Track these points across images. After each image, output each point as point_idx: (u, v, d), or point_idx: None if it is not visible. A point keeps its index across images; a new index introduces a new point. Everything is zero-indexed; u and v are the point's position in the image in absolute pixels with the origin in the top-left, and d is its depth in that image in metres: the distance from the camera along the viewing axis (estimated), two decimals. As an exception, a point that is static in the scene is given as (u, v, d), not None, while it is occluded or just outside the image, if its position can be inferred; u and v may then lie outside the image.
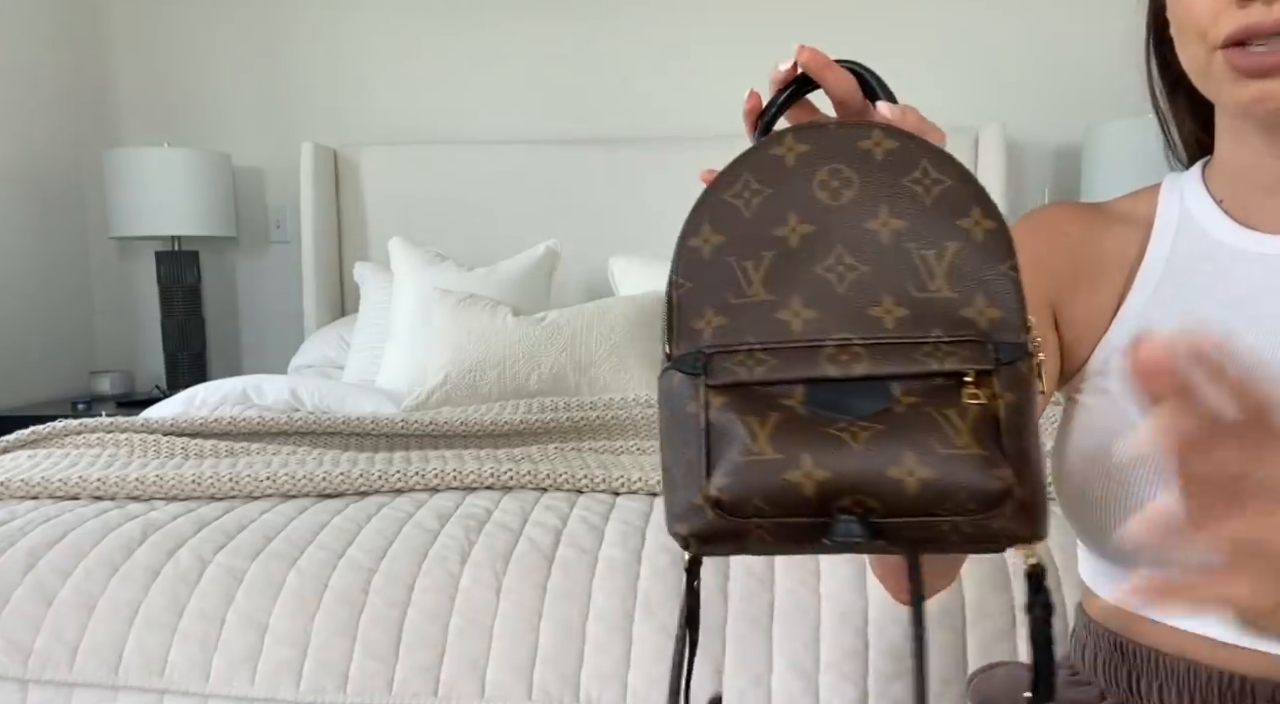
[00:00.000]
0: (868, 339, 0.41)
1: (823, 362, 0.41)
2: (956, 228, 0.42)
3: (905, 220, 0.43)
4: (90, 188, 2.78)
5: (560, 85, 2.75)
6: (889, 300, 0.42)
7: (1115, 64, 2.59)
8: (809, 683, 0.89)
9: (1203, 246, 0.63)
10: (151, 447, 1.39)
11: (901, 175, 0.43)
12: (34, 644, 0.94)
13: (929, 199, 0.43)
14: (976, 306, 0.41)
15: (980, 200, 0.42)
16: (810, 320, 0.42)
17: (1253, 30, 0.53)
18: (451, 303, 2.04)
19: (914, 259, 0.42)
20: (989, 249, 0.42)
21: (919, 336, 0.41)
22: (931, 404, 0.40)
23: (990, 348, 0.40)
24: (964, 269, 0.42)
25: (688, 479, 0.42)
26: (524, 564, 0.97)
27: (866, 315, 0.42)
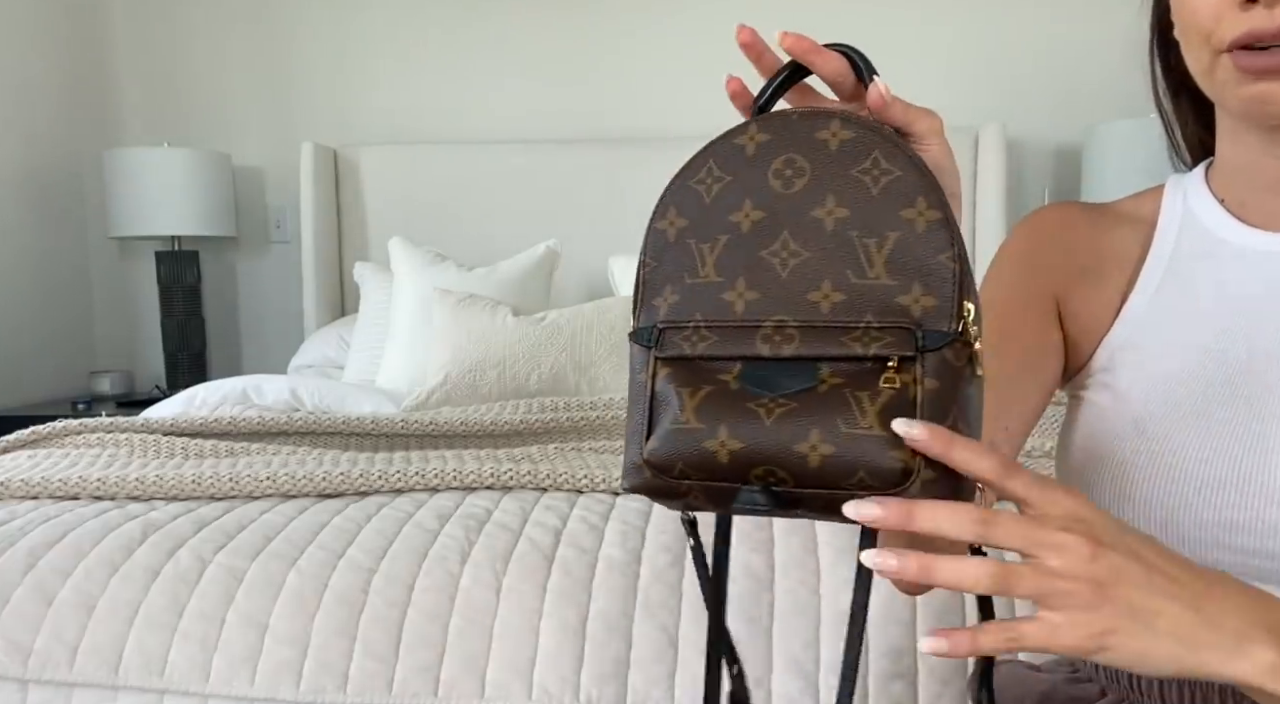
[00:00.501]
0: (802, 322, 0.44)
1: (758, 341, 0.44)
2: (899, 218, 0.43)
3: (849, 209, 0.44)
4: (90, 188, 2.78)
5: (560, 85, 2.75)
6: (827, 286, 0.44)
7: (1115, 64, 2.59)
8: (809, 683, 0.89)
9: (1205, 245, 0.63)
10: (151, 447, 1.39)
11: (852, 166, 0.44)
12: (34, 644, 0.94)
13: (876, 189, 0.44)
14: (913, 294, 0.42)
15: (927, 191, 0.43)
16: (752, 302, 0.45)
17: (1255, 35, 0.53)
18: (451, 303, 2.04)
19: (855, 247, 0.44)
20: (930, 239, 0.43)
21: (851, 321, 0.43)
22: (851, 386, 0.42)
23: (918, 335, 0.42)
24: (903, 258, 0.43)
25: (633, 440, 0.46)
26: (524, 564, 0.97)
27: (805, 299, 0.44)
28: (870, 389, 0.42)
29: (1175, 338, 0.62)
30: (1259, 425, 0.57)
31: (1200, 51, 0.58)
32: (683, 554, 0.98)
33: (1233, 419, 0.57)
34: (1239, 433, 0.57)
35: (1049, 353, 0.66)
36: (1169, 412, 0.60)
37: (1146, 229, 0.67)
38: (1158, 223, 0.67)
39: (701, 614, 0.92)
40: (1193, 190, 0.66)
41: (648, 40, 2.71)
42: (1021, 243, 0.69)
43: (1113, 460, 0.61)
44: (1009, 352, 0.64)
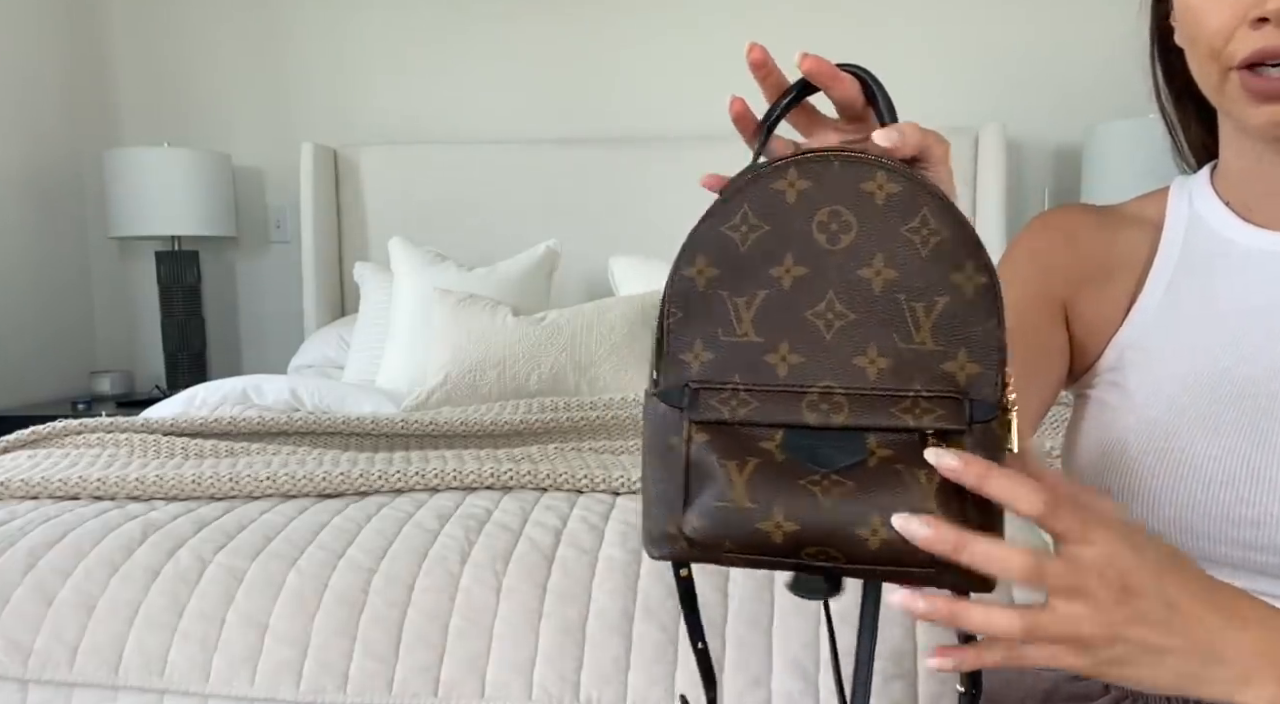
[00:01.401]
0: (850, 389, 0.42)
1: (804, 409, 0.42)
2: (949, 282, 0.42)
3: (898, 271, 0.43)
4: (90, 188, 2.78)
5: (560, 85, 2.75)
6: (874, 350, 0.42)
7: (1115, 64, 2.59)
8: (809, 683, 0.89)
9: (1213, 246, 0.64)
10: (151, 447, 1.39)
11: (900, 223, 0.43)
12: (34, 644, 0.94)
13: (925, 250, 0.43)
14: (958, 361, 0.42)
15: (974, 253, 0.42)
16: (795, 365, 0.43)
17: (1266, 53, 0.54)
18: (451, 303, 2.04)
19: (904, 310, 0.43)
20: (977, 305, 0.42)
21: (899, 389, 0.42)
22: (903, 460, 0.41)
23: (966, 405, 0.41)
24: (950, 324, 0.42)
25: (663, 508, 0.43)
26: (524, 564, 0.97)
27: (851, 364, 0.42)
28: (924, 465, 0.41)
29: (1184, 339, 0.62)
30: (1267, 422, 0.57)
31: (1209, 67, 0.58)
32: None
33: (1240, 418, 0.58)
34: (1247, 431, 0.57)
35: (1055, 354, 0.67)
36: (1177, 410, 0.60)
37: (1153, 231, 0.67)
38: (1164, 225, 0.67)
39: (701, 614, 0.92)
40: (1198, 193, 0.67)
41: (648, 40, 2.71)
42: (1029, 244, 0.69)
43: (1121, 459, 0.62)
44: (1016, 352, 0.64)
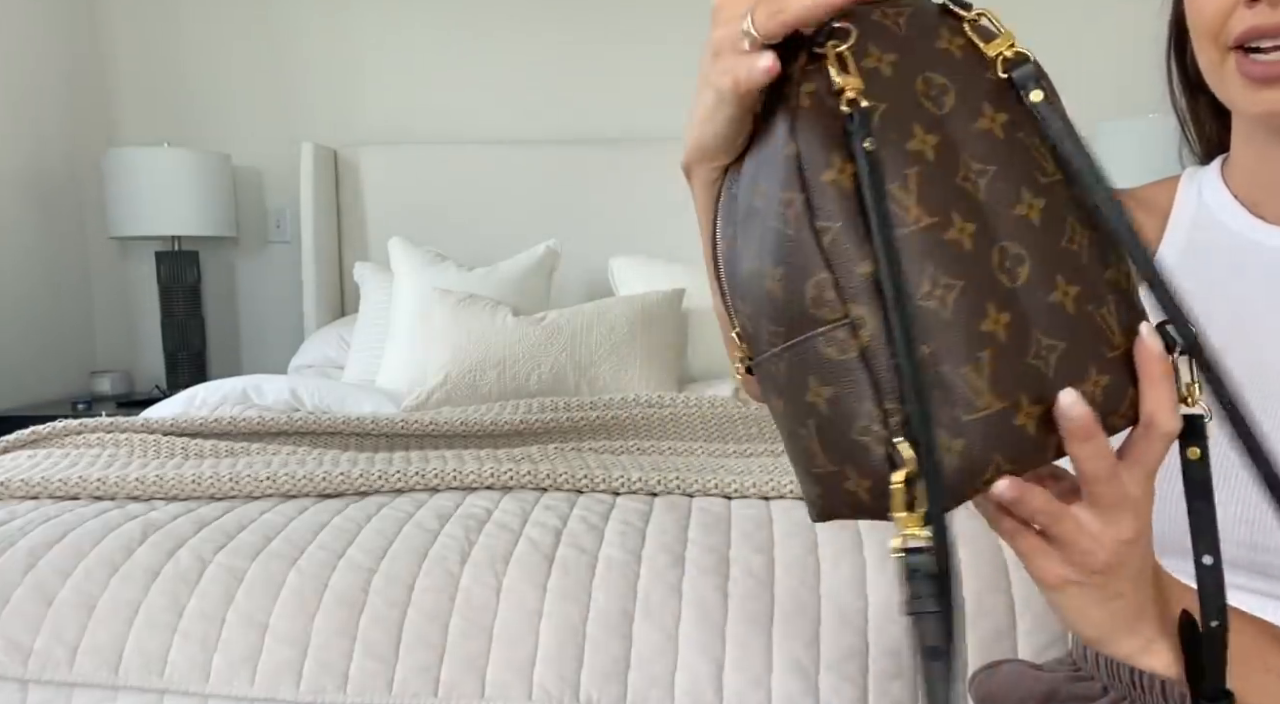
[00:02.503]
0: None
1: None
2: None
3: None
4: (90, 188, 2.78)
5: (560, 85, 2.75)
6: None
7: (1117, 64, 2.59)
8: (809, 683, 0.89)
9: (1219, 238, 0.63)
10: (151, 447, 1.39)
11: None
12: (34, 644, 0.94)
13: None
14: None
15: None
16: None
17: (1261, 30, 0.53)
18: (451, 303, 2.04)
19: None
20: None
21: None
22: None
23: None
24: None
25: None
26: (524, 564, 0.97)
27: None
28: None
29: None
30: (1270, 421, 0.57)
31: (1209, 50, 0.58)
32: (682, 554, 0.98)
33: (1266, 420, 0.57)
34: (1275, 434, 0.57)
35: None
36: None
37: (1161, 219, 0.67)
38: (1171, 214, 0.67)
39: (701, 614, 0.92)
40: (1208, 185, 0.66)
41: (648, 40, 2.71)
42: None
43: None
44: None
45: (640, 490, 1.15)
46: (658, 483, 1.14)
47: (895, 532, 0.37)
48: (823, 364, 0.38)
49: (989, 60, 0.41)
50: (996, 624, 0.91)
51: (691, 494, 1.14)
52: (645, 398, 1.66)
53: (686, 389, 2.02)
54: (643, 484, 1.15)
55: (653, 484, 1.14)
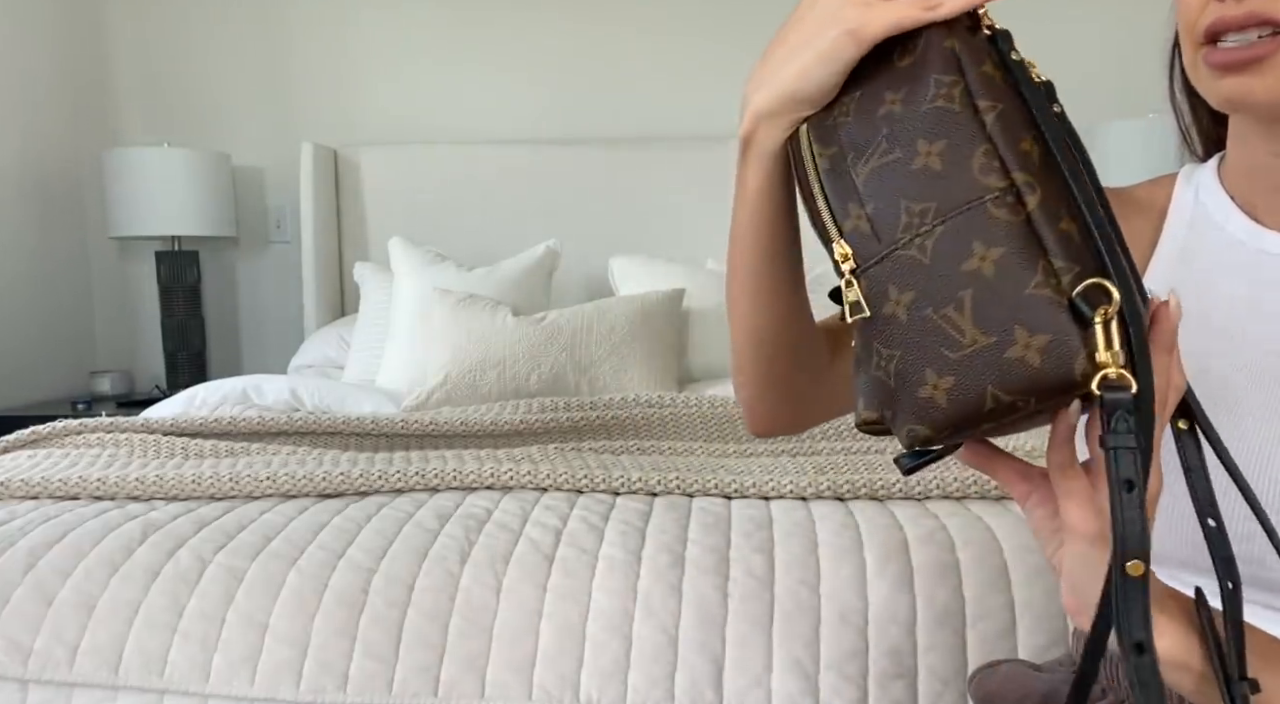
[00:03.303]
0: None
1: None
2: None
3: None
4: (90, 188, 2.78)
5: (560, 85, 2.75)
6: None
7: (1115, 64, 2.59)
8: (809, 683, 0.89)
9: (1216, 241, 0.63)
10: (151, 447, 1.39)
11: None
12: (34, 644, 0.94)
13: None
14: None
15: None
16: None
17: (1225, 23, 0.54)
18: (451, 303, 2.04)
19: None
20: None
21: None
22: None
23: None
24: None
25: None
26: (524, 564, 0.97)
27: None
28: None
29: (1181, 339, 0.61)
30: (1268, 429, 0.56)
31: (1187, 45, 0.58)
32: (682, 554, 0.98)
33: (1239, 424, 0.57)
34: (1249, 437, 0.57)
35: None
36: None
37: (1158, 219, 0.67)
38: (1168, 215, 0.66)
39: (701, 614, 0.92)
40: (1205, 185, 0.66)
41: (648, 40, 2.71)
42: None
43: None
44: None
45: (640, 490, 1.15)
46: (658, 483, 1.14)
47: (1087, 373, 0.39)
48: (993, 227, 0.41)
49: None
50: (996, 624, 0.91)
51: (691, 494, 1.14)
52: (645, 398, 1.66)
53: (686, 389, 2.02)
54: (643, 484, 1.15)
55: (653, 484, 1.14)
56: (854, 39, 0.47)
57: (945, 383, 0.41)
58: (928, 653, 0.90)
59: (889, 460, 1.25)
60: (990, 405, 0.40)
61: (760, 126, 0.53)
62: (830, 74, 0.49)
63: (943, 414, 0.41)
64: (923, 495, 1.10)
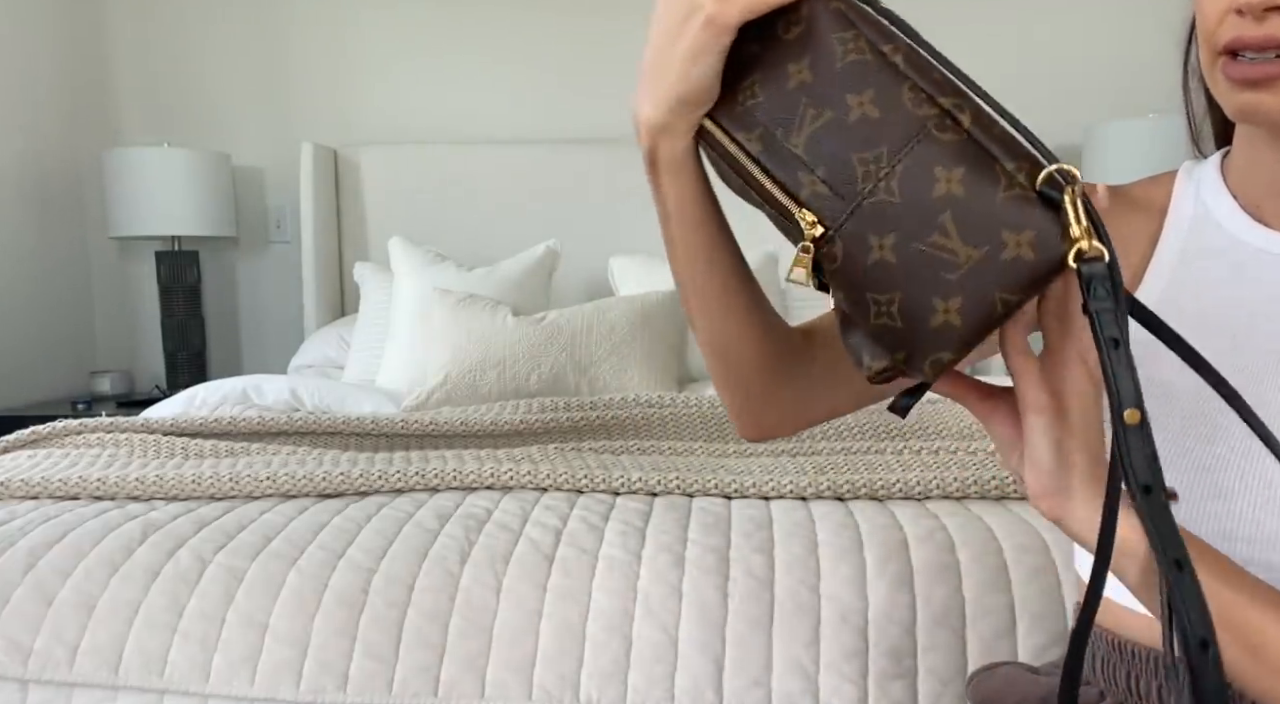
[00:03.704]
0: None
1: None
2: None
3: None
4: (90, 188, 2.78)
5: (560, 85, 2.75)
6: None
7: (1115, 64, 2.59)
8: (809, 683, 0.89)
9: (1218, 241, 0.63)
10: (151, 447, 1.39)
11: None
12: (34, 644, 0.94)
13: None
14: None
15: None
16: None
17: (1242, 42, 0.54)
18: (451, 303, 2.04)
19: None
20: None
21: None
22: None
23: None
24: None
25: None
26: (524, 564, 0.97)
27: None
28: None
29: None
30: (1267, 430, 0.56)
31: (1204, 51, 0.58)
32: (682, 554, 0.98)
33: (1230, 425, 0.57)
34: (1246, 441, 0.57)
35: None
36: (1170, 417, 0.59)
37: (1158, 218, 0.66)
38: (1168, 214, 0.66)
39: (702, 614, 0.92)
40: (1207, 184, 0.65)
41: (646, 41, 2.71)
42: None
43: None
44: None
45: (640, 490, 1.15)
46: (658, 483, 1.14)
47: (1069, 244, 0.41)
48: (945, 150, 0.44)
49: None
50: (996, 624, 0.91)
51: (691, 494, 1.14)
52: (645, 398, 1.66)
53: (686, 389, 2.02)
54: (643, 484, 1.15)
55: (653, 484, 1.14)
56: (715, 29, 0.47)
57: (954, 304, 0.43)
58: (927, 653, 0.90)
59: (889, 460, 1.25)
60: (1000, 309, 0.43)
61: (659, 139, 0.52)
62: (706, 69, 0.48)
63: (959, 333, 0.43)
64: (923, 495, 1.10)
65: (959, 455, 1.28)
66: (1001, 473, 1.12)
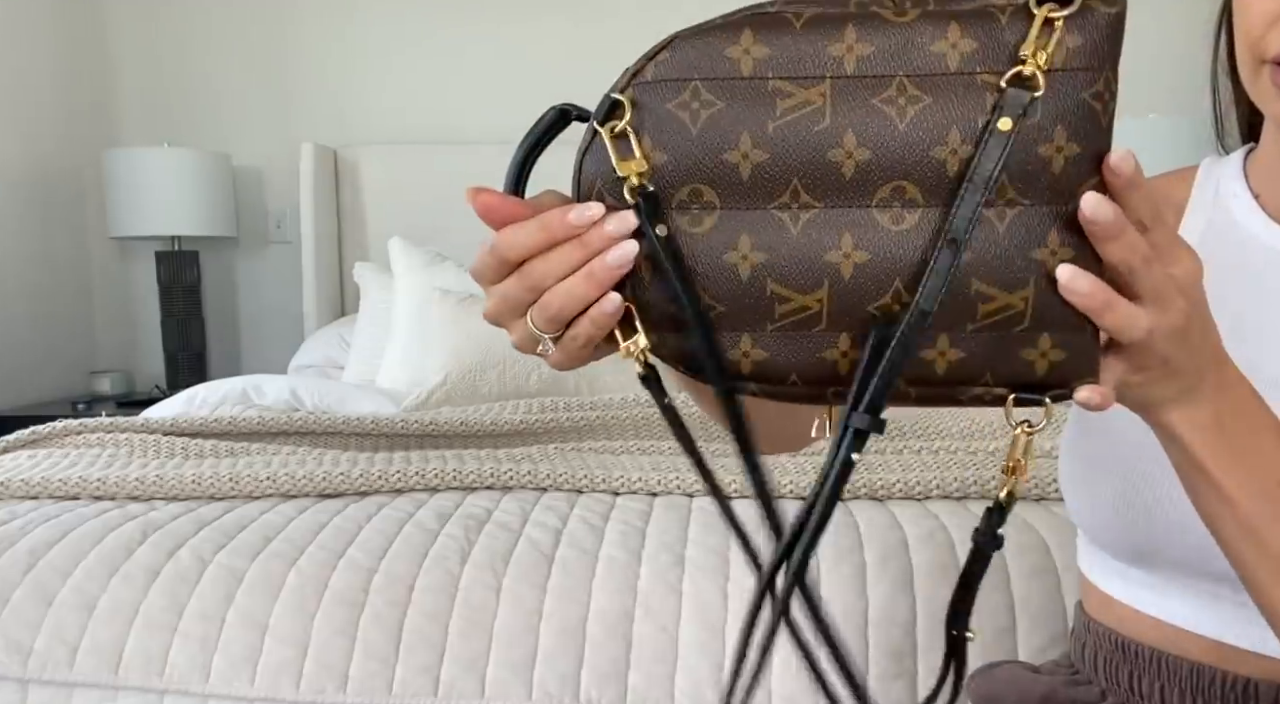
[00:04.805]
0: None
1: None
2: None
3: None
4: (90, 188, 2.78)
5: (560, 85, 2.74)
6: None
7: (1115, 64, 2.59)
8: (809, 683, 0.89)
9: (1235, 240, 0.61)
10: (151, 447, 1.39)
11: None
12: (34, 644, 0.94)
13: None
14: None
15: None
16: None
17: None
18: (451, 303, 2.04)
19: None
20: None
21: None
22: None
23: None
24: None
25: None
26: (524, 564, 0.97)
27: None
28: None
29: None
30: None
31: (1245, 55, 0.56)
32: (682, 554, 0.98)
33: None
34: None
35: None
36: None
37: (1175, 216, 0.64)
38: (1186, 211, 0.64)
39: (701, 614, 0.92)
40: (1227, 182, 0.64)
41: (648, 41, 2.70)
42: None
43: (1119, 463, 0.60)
44: None
45: (640, 490, 1.15)
46: (658, 483, 1.14)
47: None
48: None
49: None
50: (996, 624, 0.91)
51: (691, 494, 1.14)
52: (645, 398, 1.65)
53: (686, 389, 2.01)
54: (643, 484, 1.15)
55: (653, 484, 1.14)
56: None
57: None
58: (928, 653, 0.90)
59: (889, 460, 1.25)
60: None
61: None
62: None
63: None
64: (923, 495, 1.10)
65: (959, 455, 1.28)
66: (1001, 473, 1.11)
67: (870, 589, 0.93)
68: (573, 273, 0.41)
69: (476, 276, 0.44)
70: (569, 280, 0.41)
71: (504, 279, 0.43)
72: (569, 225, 0.40)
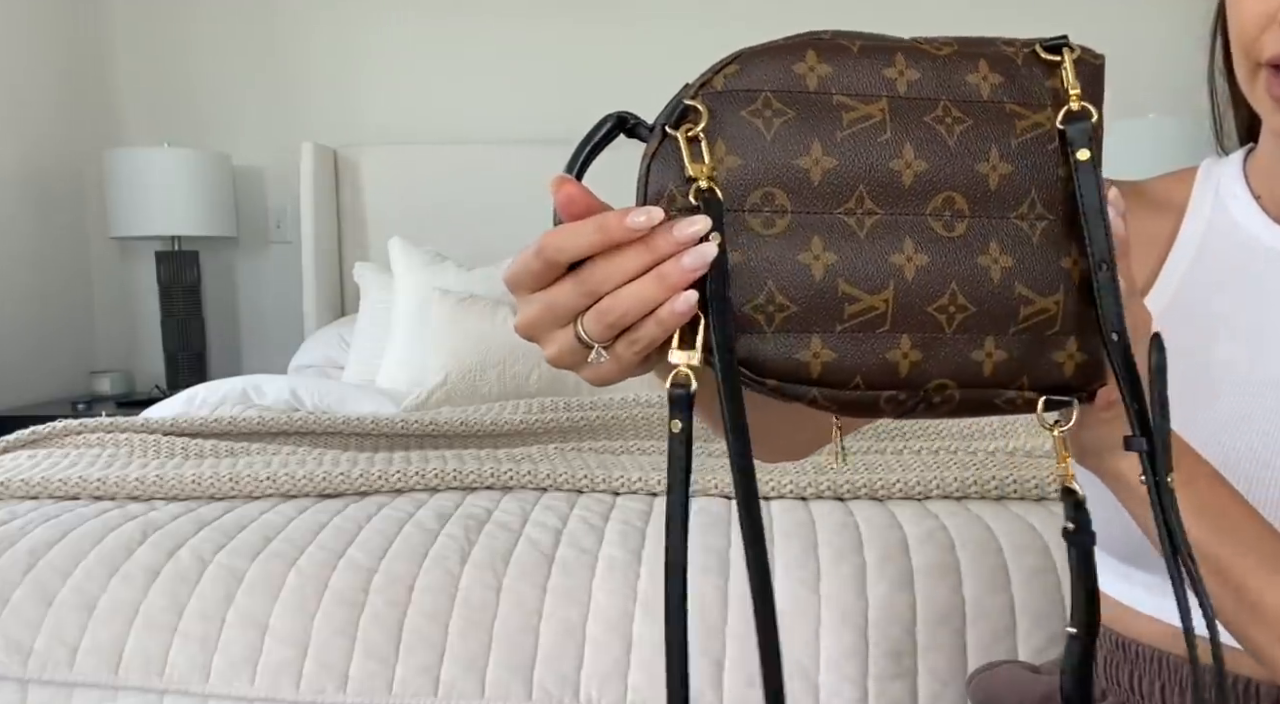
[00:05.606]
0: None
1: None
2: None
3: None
4: (90, 188, 2.78)
5: (560, 85, 2.75)
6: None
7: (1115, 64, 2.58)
8: (809, 683, 0.89)
9: (1235, 241, 0.61)
10: (151, 447, 1.39)
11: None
12: (34, 644, 0.94)
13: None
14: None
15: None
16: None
17: None
18: (451, 303, 2.04)
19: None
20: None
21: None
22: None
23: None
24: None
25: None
26: (524, 564, 0.97)
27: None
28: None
29: (1194, 344, 0.60)
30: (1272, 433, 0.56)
31: (1241, 59, 0.56)
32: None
33: (1249, 437, 0.56)
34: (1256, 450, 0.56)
35: None
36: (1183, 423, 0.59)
37: (1175, 216, 0.64)
38: (1185, 212, 0.64)
39: (702, 614, 0.92)
40: (1226, 181, 0.64)
41: (648, 41, 2.71)
42: None
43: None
44: None
45: (640, 490, 1.15)
46: (658, 483, 1.14)
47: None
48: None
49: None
50: (996, 624, 0.91)
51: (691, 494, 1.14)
52: (645, 398, 1.66)
53: (686, 389, 2.01)
54: (643, 484, 1.15)
55: (653, 484, 1.14)
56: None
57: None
58: (927, 653, 0.90)
59: (889, 460, 1.25)
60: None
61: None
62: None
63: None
64: (922, 495, 1.10)
65: (959, 455, 1.28)
66: (1001, 473, 1.12)
67: (870, 589, 0.93)
68: (635, 278, 0.39)
69: (514, 283, 0.41)
70: (637, 283, 0.39)
71: (548, 285, 0.41)
72: (627, 228, 0.40)
